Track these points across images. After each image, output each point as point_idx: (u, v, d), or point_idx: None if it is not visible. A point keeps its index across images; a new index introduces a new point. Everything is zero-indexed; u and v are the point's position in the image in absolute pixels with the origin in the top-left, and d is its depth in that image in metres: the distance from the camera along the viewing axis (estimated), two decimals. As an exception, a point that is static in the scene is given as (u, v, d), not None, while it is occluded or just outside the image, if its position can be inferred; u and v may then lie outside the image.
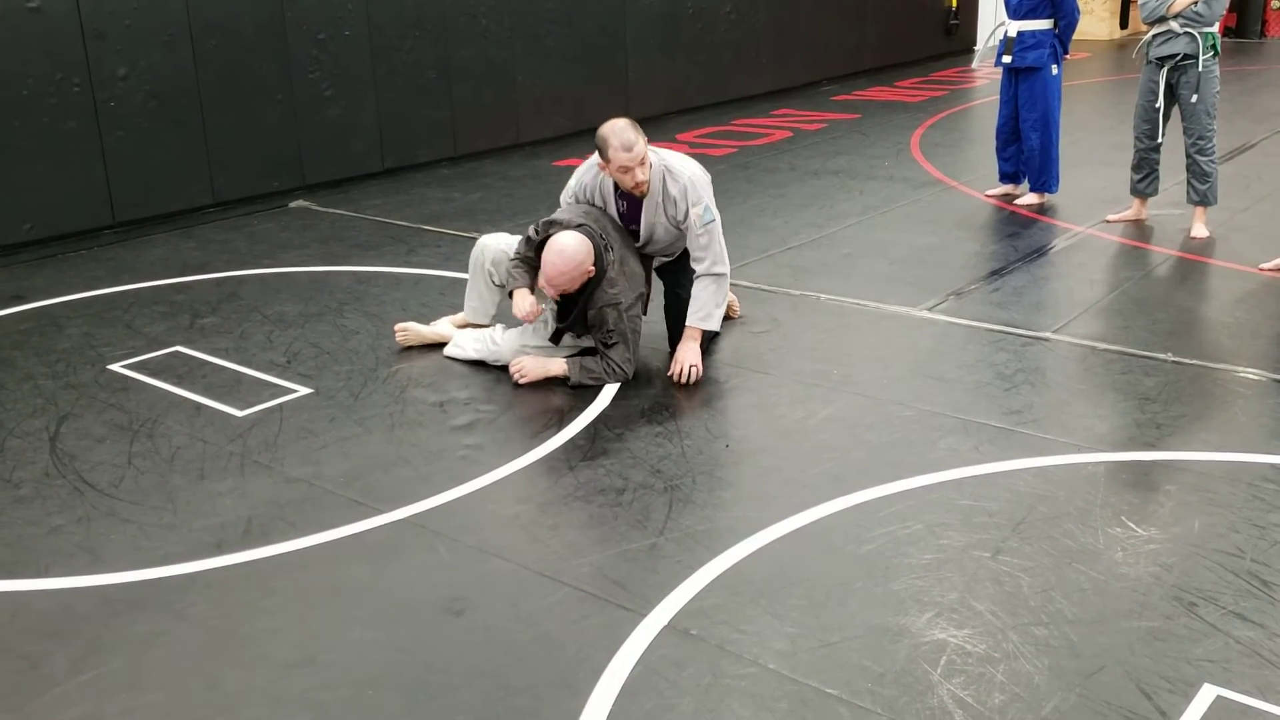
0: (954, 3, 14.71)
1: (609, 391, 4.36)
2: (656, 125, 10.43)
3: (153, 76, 7.22)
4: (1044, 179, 7.01)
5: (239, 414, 4.25)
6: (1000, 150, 7.22)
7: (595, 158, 4.54)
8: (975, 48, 15.19)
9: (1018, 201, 7.09)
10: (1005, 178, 7.27)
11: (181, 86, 7.36)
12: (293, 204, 7.83)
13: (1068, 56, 6.95)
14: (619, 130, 4.39)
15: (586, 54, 10.03)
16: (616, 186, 4.58)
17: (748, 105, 11.36)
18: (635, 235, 4.69)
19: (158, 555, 3.27)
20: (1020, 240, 6.31)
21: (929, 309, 5.18)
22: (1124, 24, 16.29)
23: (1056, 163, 7.02)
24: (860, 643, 2.79)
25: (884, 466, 3.69)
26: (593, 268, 4.35)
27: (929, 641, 2.79)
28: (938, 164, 8.35)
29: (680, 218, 4.55)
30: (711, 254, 4.54)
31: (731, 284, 5.60)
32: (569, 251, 4.27)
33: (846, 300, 5.34)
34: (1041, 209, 6.95)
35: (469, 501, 3.55)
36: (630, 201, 4.61)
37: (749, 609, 2.94)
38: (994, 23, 15.05)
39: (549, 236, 4.38)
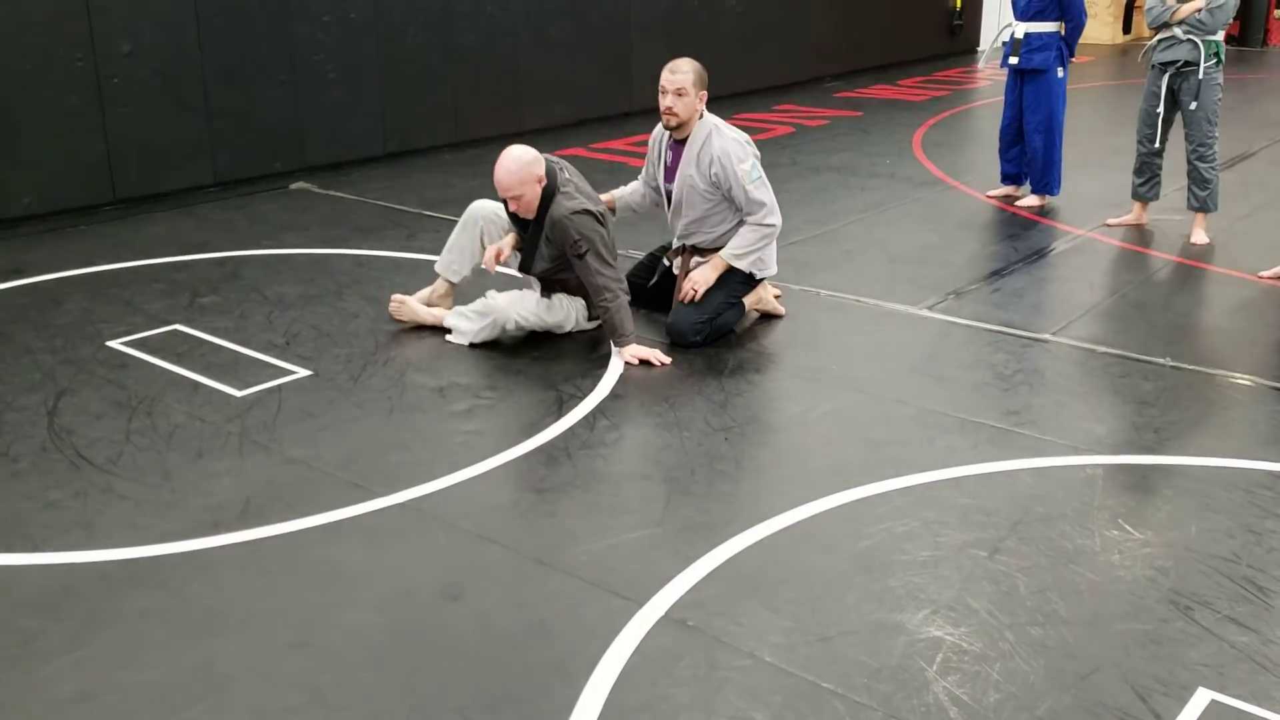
0: (958, 3, 14.71)
1: (609, 381, 4.36)
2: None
3: (157, 54, 7.19)
4: (1046, 181, 7.01)
5: (238, 394, 4.24)
6: (1003, 151, 7.22)
7: None
8: (979, 48, 15.19)
9: (1019, 203, 7.10)
10: (1007, 179, 7.27)
11: (185, 65, 7.34)
12: (293, 185, 7.81)
13: (1073, 60, 6.95)
14: (680, 60, 4.78)
15: (591, 44, 10.01)
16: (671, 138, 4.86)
17: (750, 99, 11.34)
18: (669, 195, 4.90)
19: (155, 533, 3.27)
20: (1021, 241, 6.31)
21: (929, 308, 5.18)
22: (1127, 29, 16.31)
23: (1059, 165, 7.02)
24: (857, 638, 2.80)
25: (882, 463, 3.69)
26: (544, 177, 4.50)
27: (925, 639, 2.80)
28: (939, 163, 8.35)
29: (719, 176, 4.67)
30: (763, 209, 4.72)
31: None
32: (514, 150, 4.48)
33: (846, 296, 5.34)
34: (1042, 211, 6.95)
35: (467, 487, 3.55)
36: (675, 154, 4.83)
37: (746, 601, 2.95)
38: (997, 24, 15.08)
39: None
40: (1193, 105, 6.11)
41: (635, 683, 2.63)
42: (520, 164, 4.45)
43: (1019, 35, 6.84)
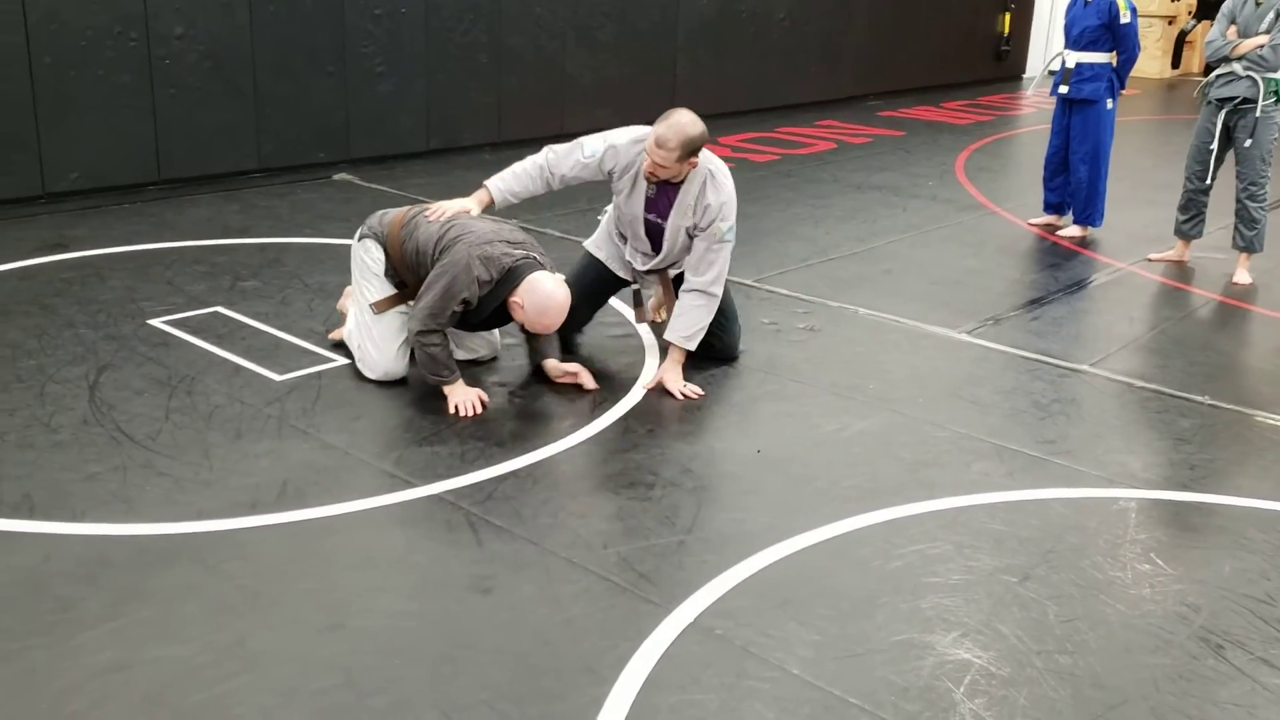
0: (1006, 29, 14.67)
1: (641, 387, 4.37)
2: (701, 127, 10.43)
3: (209, 37, 7.27)
4: (1089, 212, 6.99)
5: (277, 378, 4.28)
6: (1047, 180, 7.20)
7: (638, 132, 4.39)
8: (1025, 74, 15.14)
9: (1060, 232, 7.07)
10: (1050, 208, 7.24)
11: (236, 50, 7.42)
12: (336, 176, 7.87)
13: (1124, 92, 6.92)
14: (673, 125, 4.14)
15: (636, 50, 10.05)
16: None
17: (793, 114, 11.35)
18: (656, 232, 4.43)
19: (192, 510, 3.30)
20: (1061, 271, 6.29)
21: (968, 332, 5.17)
22: (1175, 64, 16.21)
23: (1103, 197, 6.99)
24: (885, 656, 2.80)
25: (916, 485, 3.69)
26: None
27: (954, 660, 2.79)
28: (982, 188, 8.33)
29: (704, 226, 4.34)
30: (715, 271, 4.36)
31: (769, 291, 5.64)
32: (560, 297, 4.03)
33: (885, 316, 5.34)
34: (1084, 242, 6.93)
35: (500, 484, 3.57)
36: (663, 192, 4.36)
37: (775, 614, 2.95)
38: (1045, 51, 15.03)
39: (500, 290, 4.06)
40: (1248, 143, 6.07)
41: (663, 687, 2.64)
42: (568, 304, 4.10)
43: (1070, 64, 6.82)
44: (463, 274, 3.95)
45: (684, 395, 4.30)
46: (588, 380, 4.30)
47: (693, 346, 4.39)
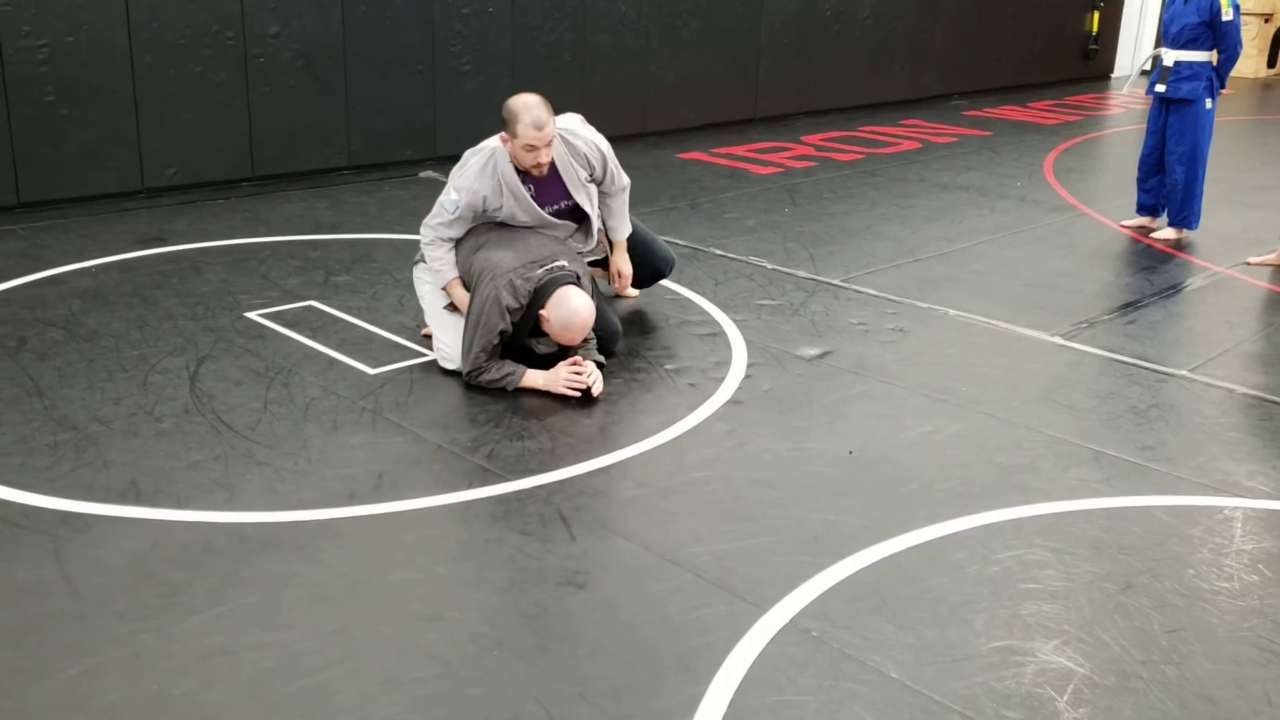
0: (1095, 28, 14.39)
1: (730, 386, 4.36)
2: (783, 125, 10.40)
3: (303, 36, 7.40)
4: (1184, 214, 6.82)
5: (371, 371, 4.34)
6: (1141, 181, 7.04)
7: (474, 159, 4.39)
8: (1113, 74, 14.84)
9: (1154, 235, 6.91)
10: (1143, 209, 7.08)
11: (328, 49, 7.54)
12: (423, 174, 7.96)
13: (1223, 91, 6.74)
14: (531, 106, 4.16)
15: (720, 48, 10.02)
16: (520, 171, 4.32)
17: (876, 113, 11.25)
18: (566, 213, 4.52)
19: (292, 499, 3.36)
20: (1156, 274, 6.15)
21: (1061, 335, 5.07)
22: (1272, 63, 15.77)
23: (1199, 199, 6.82)
24: (985, 662, 2.76)
25: (1012, 489, 3.63)
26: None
27: (1055, 668, 2.74)
28: (1071, 189, 8.18)
29: (599, 173, 4.53)
30: (622, 174, 4.69)
31: (856, 291, 5.59)
32: (584, 313, 4.17)
33: (975, 318, 5.26)
34: (1179, 245, 6.76)
35: (591, 479, 3.58)
36: (541, 181, 4.38)
37: (871, 617, 2.92)
38: (1134, 50, 14.70)
39: (533, 314, 4.22)
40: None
41: (760, 687, 2.63)
42: (593, 314, 4.25)
43: (1168, 63, 6.66)
44: (492, 307, 4.13)
45: (625, 286, 4.97)
46: (588, 375, 4.19)
47: (627, 233, 4.87)
